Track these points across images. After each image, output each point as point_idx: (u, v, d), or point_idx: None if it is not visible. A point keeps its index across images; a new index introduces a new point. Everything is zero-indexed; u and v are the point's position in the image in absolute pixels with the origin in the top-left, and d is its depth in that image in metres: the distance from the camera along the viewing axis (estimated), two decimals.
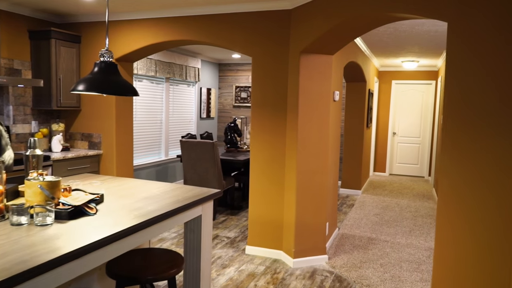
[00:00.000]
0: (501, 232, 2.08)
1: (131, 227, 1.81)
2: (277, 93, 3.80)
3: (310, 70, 3.64)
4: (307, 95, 3.65)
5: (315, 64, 3.65)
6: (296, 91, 3.64)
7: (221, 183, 5.19)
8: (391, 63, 8.17)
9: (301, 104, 3.63)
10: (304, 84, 3.63)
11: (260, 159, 3.91)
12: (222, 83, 8.58)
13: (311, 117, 3.70)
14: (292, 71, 3.68)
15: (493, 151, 2.10)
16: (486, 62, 2.10)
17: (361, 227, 5.03)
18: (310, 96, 3.67)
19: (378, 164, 9.21)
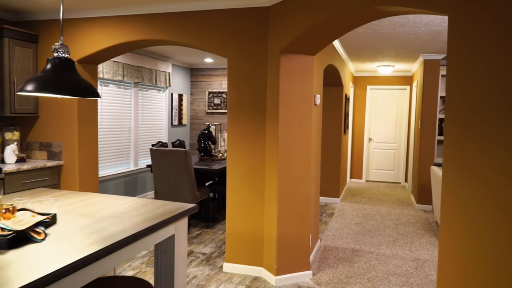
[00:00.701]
0: (508, 247, 1.86)
1: (88, 256, 1.47)
2: (256, 97, 3.52)
3: (291, 72, 3.38)
4: (288, 98, 3.39)
5: (296, 65, 3.40)
6: (276, 94, 3.37)
7: (195, 194, 4.85)
8: (366, 68, 8.08)
9: (282, 108, 3.37)
10: (285, 86, 3.37)
11: (238, 168, 3.61)
12: (195, 88, 8.24)
13: (292, 122, 3.44)
14: (271, 72, 3.42)
15: (500, 159, 1.89)
16: (490, 58, 1.90)
17: (344, 238, 4.79)
18: (291, 100, 3.41)
19: (354, 171, 9.07)
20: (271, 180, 3.47)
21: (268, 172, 3.50)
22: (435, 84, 6.22)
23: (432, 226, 5.39)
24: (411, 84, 8.48)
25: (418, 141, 6.57)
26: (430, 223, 5.54)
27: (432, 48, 5.62)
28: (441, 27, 4.39)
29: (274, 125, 3.40)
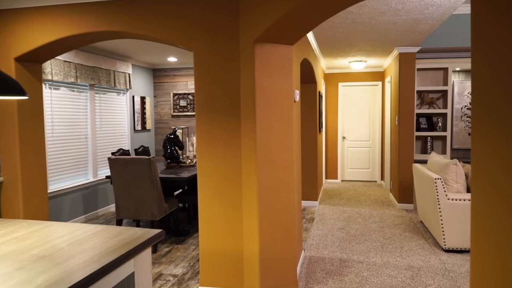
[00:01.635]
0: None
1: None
2: (228, 95, 3.05)
3: (268, 64, 2.94)
4: (265, 95, 2.95)
5: (273, 56, 2.96)
6: (251, 91, 2.92)
7: (163, 206, 4.32)
8: (338, 65, 7.77)
9: (259, 107, 2.92)
10: (261, 81, 2.92)
11: (209, 178, 3.13)
12: (158, 90, 7.67)
13: (271, 123, 2.99)
14: (245, 65, 2.96)
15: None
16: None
17: (329, 246, 4.39)
18: (269, 97, 2.96)
19: (329, 171, 8.75)
20: (250, 189, 3.01)
21: (245, 180, 3.04)
22: (411, 78, 5.96)
23: (417, 227, 5.09)
24: (383, 80, 8.26)
25: (396, 138, 6.30)
26: (415, 224, 5.25)
27: (409, 40, 5.34)
28: (422, 14, 4.08)
29: (250, 127, 2.95)
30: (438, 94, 6.46)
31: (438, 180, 4.15)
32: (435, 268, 3.74)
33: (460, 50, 6.03)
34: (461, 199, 4.09)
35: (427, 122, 6.41)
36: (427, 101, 6.35)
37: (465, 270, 3.69)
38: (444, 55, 6.19)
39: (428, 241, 4.55)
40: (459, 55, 6.16)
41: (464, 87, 6.48)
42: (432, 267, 3.77)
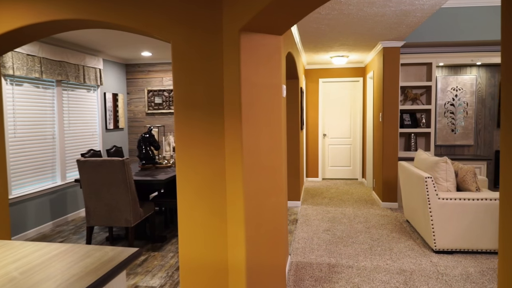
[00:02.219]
0: None
1: None
2: (210, 90, 2.76)
3: (255, 55, 2.67)
4: (252, 90, 2.68)
5: (261, 47, 2.70)
6: (236, 85, 2.64)
7: (137, 211, 4.00)
8: (319, 60, 7.58)
9: (245, 103, 2.65)
10: (248, 75, 2.65)
11: (190, 182, 2.84)
12: (132, 87, 7.28)
13: (259, 121, 2.73)
14: (229, 57, 2.68)
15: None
16: None
17: (315, 250, 4.18)
18: (256, 92, 2.70)
19: (310, 169, 8.57)
20: (235, 194, 2.74)
21: (230, 184, 2.77)
22: (395, 73, 5.82)
23: (404, 227, 4.95)
24: (365, 76, 8.12)
25: (379, 135, 6.15)
26: (401, 224, 5.11)
27: (394, 34, 5.18)
28: (413, 5, 3.90)
29: (235, 126, 2.67)
30: (421, 90, 6.35)
31: (429, 179, 3.99)
32: (427, 272, 3.57)
33: (444, 45, 5.93)
34: (451, 198, 3.95)
35: (411, 118, 6.30)
36: (411, 97, 6.23)
37: (458, 273, 3.54)
38: (428, 50, 6.08)
39: (417, 241, 4.40)
40: (443, 50, 6.06)
41: (447, 83, 6.40)
42: (424, 271, 3.60)
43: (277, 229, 2.92)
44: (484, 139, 6.42)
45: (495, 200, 3.89)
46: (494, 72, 6.34)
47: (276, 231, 2.91)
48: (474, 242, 3.95)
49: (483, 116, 6.41)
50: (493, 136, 6.41)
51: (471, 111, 6.38)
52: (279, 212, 2.91)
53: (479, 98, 6.39)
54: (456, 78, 6.37)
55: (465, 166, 4.23)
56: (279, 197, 2.88)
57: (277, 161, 2.85)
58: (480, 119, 6.41)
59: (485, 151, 6.43)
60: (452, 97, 6.40)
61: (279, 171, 2.89)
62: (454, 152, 6.48)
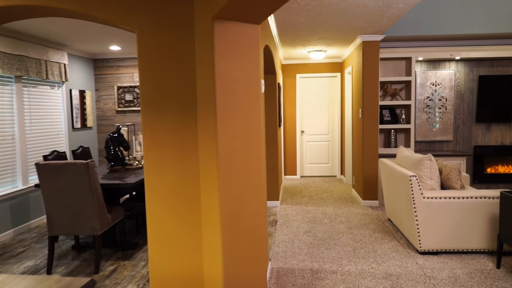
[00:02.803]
0: None
1: None
2: (181, 86, 2.49)
3: (230, 47, 2.41)
4: (228, 86, 2.42)
5: (237, 38, 2.44)
6: (210, 80, 2.38)
7: (105, 218, 3.69)
8: (296, 55, 7.37)
9: (220, 100, 2.39)
10: (223, 69, 2.39)
11: (160, 186, 2.56)
12: (100, 83, 6.88)
13: (236, 119, 2.48)
14: (201, 49, 2.41)
15: None
16: None
17: (297, 254, 3.97)
18: (232, 87, 2.44)
19: (288, 167, 8.38)
20: (210, 200, 2.48)
21: (205, 189, 2.51)
22: (375, 68, 5.66)
23: (386, 226, 4.80)
24: (343, 71, 7.97)
25: (359, 131, 6.00)
26: (384, 223, 4.96)
27: (374, 27, 5.01)
28: None
29: (210, 124, 2.41)
30: (401, 85, 6.23)
31: (413, 177, 3.83)
32: (414, 275, 3.42)
33: (424, 39, 5.81)
34: (437, 197, 3.81)
35: (391, 114, 6.17)
36: (390, 92, 6.10)
37: (446, 276, 3.39)
38: (407, 44, 5.95)
39: (401, 242, 4.26)
40: (423, 44, 5.94)
41: (426, 78, 6.30)
42: (411, 274, 3.44)
43: (257, 236, 2.69)
44: (463, 135, 6.37)
45: (481, 198, 3.77)
46: (472, 66, 6.28)
47: (256, 238, 2.68)
48: (459, 242, 3.83)
49: (462, 111, 6.35)
50: (472, 131, 6.36)
51: (450, 106, 6.31)
52: (258, 218, 2.68)
53: (457, 93, 6.33)
54: (435, 73, 6.28)
55: (449, 163, 4.09)
56: (259, 202, 2.64)
57: (256, 164, 2.61)
58: (459, 114, 6.35)
59: (464, 146, 6.38)
60: (431, 92, 6.31)
61: (259, 174, 2.64)
62: (434, 148, 6.40)
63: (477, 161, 6.34)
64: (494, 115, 6.24)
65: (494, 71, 6.27)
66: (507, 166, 6.35)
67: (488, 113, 6.24)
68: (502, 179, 6.34)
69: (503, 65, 6.25)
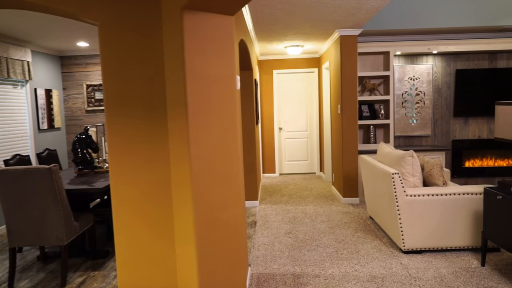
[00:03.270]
0: None
1: None
2: (149, 83, 2.27)
3: (202, 40, 2.21)
4: (200, 83, 2.22)
5: (209, 30, 2.24)
6: (180, 77, 2.17)
7: (71, 226, 3.43)
8: (273, 50, 7.19)
9: (192, 98, 2.19)
10: (194, 64, 2.19)
11: (128, 196, 2.34)
12: (68, 81, 6.53)
13: (209, 119, 2.28)
14: (170, 42, 2.20)
15: None
16: None
17: (278, 258, 3.80)
18: (205, 84, 2.24)
19: (267, 165, 8.22)
20: (183, 208, 2.28)
21: (177, 196, 2.30)
22: (353, 63, 5.55)
23: (368, 225, 4.70)
24: (320, 66, 7.85)
25: (338, 127, 5.88)
26: (365, 221, 4.86)
27: (352, 20, 4.88)
28: None
29: (181, 126, 2.20)
30: (379, 80, 6.14)
31: (396, 175, 3.72)
32: (399, 276, 3.30)
33: (401, 33, 5.73)
34: (419, 195, 3.71)
35: (369, 109, 6.08)
36: (369, 87, 6.00)
37: (431, 276, 3.30)
38: (385, 39, 5.86)
39: (383, 241, 4.15)
40: (400, 38, 5.86)
41: (404, 72, 6.23)
42: (396, 275, 3.33)
43: (236, 243, 2.50)
44: (441, 129, 6.34)
45: (464, 194, 3.70)
46: (449, 60, 6.26)
47: (235, 245, 2.49)
48: (443, 240, 3.74)
49: (440, 106, 6.32)
50: (450, 125, 6.35)
51: (428, 100, 6.27)
52: (237, 224, 2.49)
53: (435, 88, 6.29)
54: (413, 67, 6.22)
55: (431, 159, 4.01)
56: (237, 208, 2.45)
57: (233, 167, 2.42)
58: (437, 109, 6.32)
59: (443, 141, 6.36)
60: (410, 86, 6.25)
61: (236, 177, 2.46)
62: (413, 143, 6.35)
63: (456, 155, 6.34)
64: (471, 109, 6.23)
65: (471, 64, 6.26)
66: (484, 160, 6.37)
67: (465, 107, 6.24)
68: (480, 172, 6.35)
69: (479, 59, 6.24)
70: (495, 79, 6.15)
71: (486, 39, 5.84)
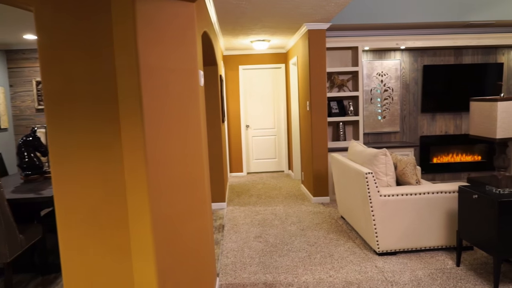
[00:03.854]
0: None
1: None
2: (97, 79, 1.96)
3: (159, 30, 1.92)
4: (157, 78, 1.93)
5: (167, 18, 1.95)
6: (134, 72, 1.88)
7: (16, 240, 3.05)
8: (238, 45, 6.93)
9: (148, 95, 1.90)
10: (150, 57, 1.90)
11: (75, 210, 2.03)
12: (15, 78, 6.00)
13: (168, 118, 2.00)
14: (120, 31, 1.90)
15: None
16: None
17: (248, 265, 3.56)
18: (163, 79, 1.96)
19: (234, 164, 7.96)
20: (140, 221, 1.99)
21: (133, 209, 2.01)
22: (322, 58, 5.37)
23: (340, 225, 4.55)
24: (287, 62, 7.66)
25: (307, 125, 5.71)
26: (337, 221, 4.71)
27: (321, 13, 4.70)
28: None
29: (135, 128, 1.91)
30: (348, 76, 6.01)
31: (370, 175, 3.56)
32: (375, 281, 3.15)
33: (370, 28, 5.61)
34: (394, 194, 3.57)
35: (338, 106, 5.94)
36: (338, 83, 5.86)
37: (408, 279, 3.16)
38: (354, 33, 5.73)
39: (357, 242, 4.00)
40: (369, 33, 5.75)
41: (372, 68, 6.13)
42: (372, 280, 3.17)
43: (202, 255, 2.24)
44: (409, 125, 6.30)
45: (438, 193, 3.59)
46: (417, 56, 6.21)
47: (201, 258, 2.23)
48: (417, 240, 3.63)
49: (408, 102, 6.28)
50: (418, 121, 6.32)
51: (397, 97, 6.20)
52: (203, 235, 2.23)
53: (403, 83, 6.24)
54: (381, 63, 6.13)
55: (404, 157, 3.88)
56: (203, 219, 2.19)
57: (197, 171, 2.15)
58: (405, 105, 6.27)
59: (411, 137, 6.33)
60: (378, 82, 6.16)
61: (201, 182, 2.19)
62: (382, 140, 6.28)
63: (424, 151, 6.32)
64: (438, 105, 6.23)
65: (437, 60, 6.24)
66: (451, 155, 6.39)
67: (432, 103, 6.22)
68: (447, 168, 6.37)
69: (446, 55, 6.24)
70: (461, 75, 6.16)
71: (452, 34, 5.83)
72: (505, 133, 2.88)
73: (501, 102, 2.88)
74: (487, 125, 2.98)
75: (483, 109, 3.02)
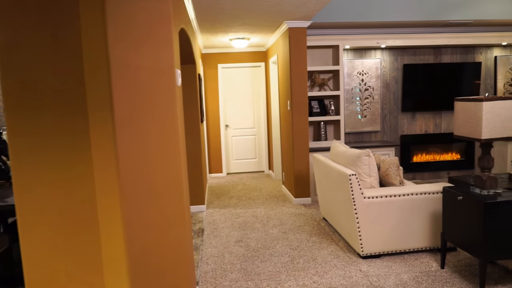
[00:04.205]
0: None
1: None
2: (64, 79, 1.79)
3: (131, 24, 1.77)
4: (130, 77, 1.78)
5: (140, 12, 1.80)
6: (103, 70, 1.71)
7: None
8: (217, 43, 6.77)
9: (120, 96, 1.74)
10: (122, 54, 1.74)
11: (40, 222, 1.85)
12: None
13: (143, 121, 1.85)
14: (89, 27, 1.73)
15: None
16: None
17: (229, 272, 3.43)
18: (137, 78, 1.80)
19: (213, 164, 7.80)
20: (112, 235, 1.83)
21: (104, 221, 1.85)
22: (302, 56, 5.28)
23: (322, 227, 4.46)
24: (267, 60, 7.54)
25: (288, 124, 5.60)
26: (319, 223, 4.62)
27: (302, 11, 4.60)
28: None
29: (105, 132, 1.75)
30: (329, 75, 5.94)
31: (353, 176, 3.48)
32: (360, 286, 3.06)
33: (351, 26, 5.55)
34: (377, 196, 3.50)
35: (319, 105, 5.86)
36: (319, 82, 5.78)
37: (393, 283, 3.09)
38: (335, 32, 5.65)
39: (340, 245, 3.92)
40: (350, 32, 5.69)
41: (353, 67, 6.08)
42: (357, 285, 3.08)
43: (180, 265, 2.09)
44: (390, 124, 6.29)
45: (421, 194, 3.54)
46: (397, 55, 6.20)
47: (179, 268, 2.09)
48: (401, 242, 3.57)
49: (388, 101, 6.26)
50: (398, 120, 6.31)
51: (377, 96, 6.17)
52: (182, 246, 2.08)
53: (383, 82, 6.21)
54: (362, 62, 6.09)
55: (387, 158, 3.82)
56: (182, 228, 2.04)
57: (175, 177, 2.00)
58: (386, 104, 6.25)
59: (391, 136, 6.31)
60: (359, 81, 6.12)
61: (179, 190, 2.04)
62: (363, 139, 6.24)
63: (404, 150, 6.31)
64: (418, 104, 6.23)
65: (417, 59, 6.24)
66: (431, 154, 6.40)
67: (412, 102, 6.22)
68: (427, 167, 6.38)
69: (425, 54, 6.24)
70: (440, 74, 6.18)
71: (431, 33, 5.83)
72: (490, 133, 2.84)
73: (486, 102, 2.84)
74: (472, 126, 2.94)
75: (468, 109, 2.97)
